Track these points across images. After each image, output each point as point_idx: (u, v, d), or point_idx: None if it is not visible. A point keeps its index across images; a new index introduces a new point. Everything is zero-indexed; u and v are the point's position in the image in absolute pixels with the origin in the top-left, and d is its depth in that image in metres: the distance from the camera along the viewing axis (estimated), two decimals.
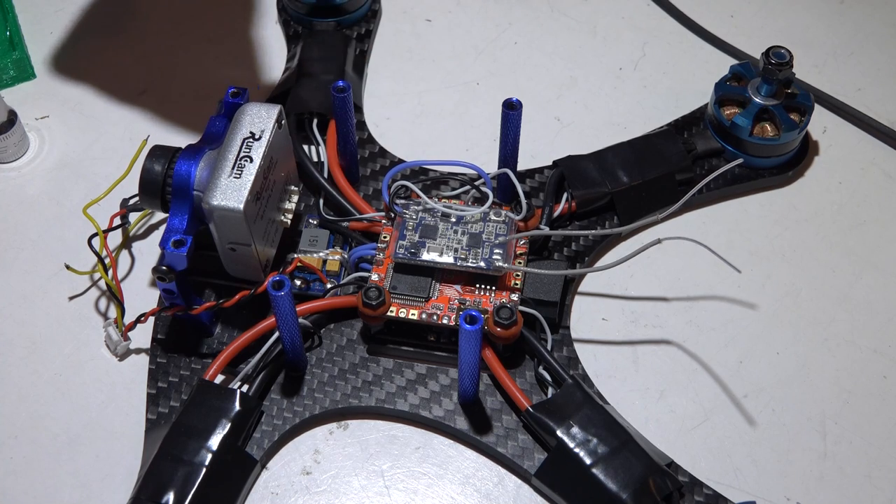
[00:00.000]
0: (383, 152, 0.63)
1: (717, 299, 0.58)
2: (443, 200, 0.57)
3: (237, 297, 0.52)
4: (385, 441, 0.53)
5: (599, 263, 0.59)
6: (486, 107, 0.67)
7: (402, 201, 0.56)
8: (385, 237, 0.55)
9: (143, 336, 0.56)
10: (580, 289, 0.58)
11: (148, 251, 0.60)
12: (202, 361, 0.54)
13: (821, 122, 0.65)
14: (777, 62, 0.59)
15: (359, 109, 0.65)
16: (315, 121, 0.62)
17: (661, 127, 0.64)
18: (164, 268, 0.50)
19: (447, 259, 0.53)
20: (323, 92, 0.62)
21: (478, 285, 0.54)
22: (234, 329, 0.55)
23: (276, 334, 0.53)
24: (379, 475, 0.52)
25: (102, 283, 0.58)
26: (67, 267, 0.57)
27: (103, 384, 0.55)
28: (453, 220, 0.55)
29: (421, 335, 0.54)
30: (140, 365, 0.55)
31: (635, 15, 0.72)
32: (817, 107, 0.65)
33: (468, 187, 0.58)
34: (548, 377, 0.53)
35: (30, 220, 0.61)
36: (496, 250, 0.53)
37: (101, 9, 0.71)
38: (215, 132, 0.54)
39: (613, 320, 0.57)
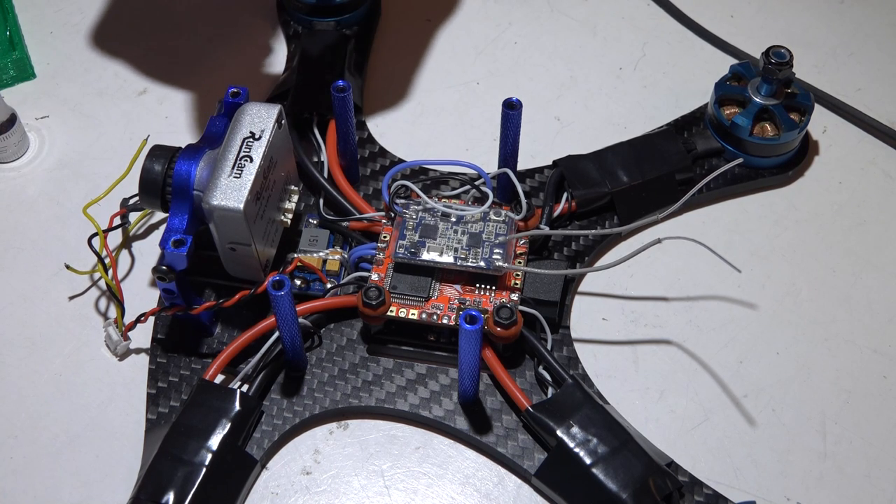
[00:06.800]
0: (383, 152, 0.63)
1: (717, 299, 0.58)
2: (443, 200, 0.57)
3: (237, 297, 0.52)
4: (385, 441, 0.53)
5: (599, 263, 0.59)
6: (486, 107, 0.67)
7: (402, 201, 0.56)
8: (385, 237, 0.55)
9: (143, 336, 0.56)
10: (580, 289, 0.58)
11: (148, 251, 0.60)
12: (202, 361, 0.54)
13: (821, 122, 0.65)
14: (777, 62, 0.59)
15: (359, 109, 0.65)
16: (315, 121, 0.62)
17: (661, 127, 0.64)
18: (164, 268, 0.50)
19: (447, 259, 0.53)
20: (323, 92, 0.62)
21: (478, 285, 0.54)
22: (234, 329, 0.55)
23: (276, 334, 0.53)
24: (379, 475, 0.52)
25: (102, 283, 0.58)
26: (67, 267, 0.57)
27: (103, 384, 0.55)
28: (453, 219, 0.55)
29: (421, 335, 0.54)
30: (140, 365, 0.55)
31: (635, 15, 0.72)
32: (817, 107, 0.65)
33: (468, 187, 0.58)
34: (548, 377, 0.53)
35: (30, 220, 0.61)
36: (496, 250, 0.53)
37: (101, 9, 0.71)
38: (215, 132, 0.54)
39: (613, 320, 0.57)
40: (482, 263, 0.53)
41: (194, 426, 0.50)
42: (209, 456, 0.49)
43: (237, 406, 0.51)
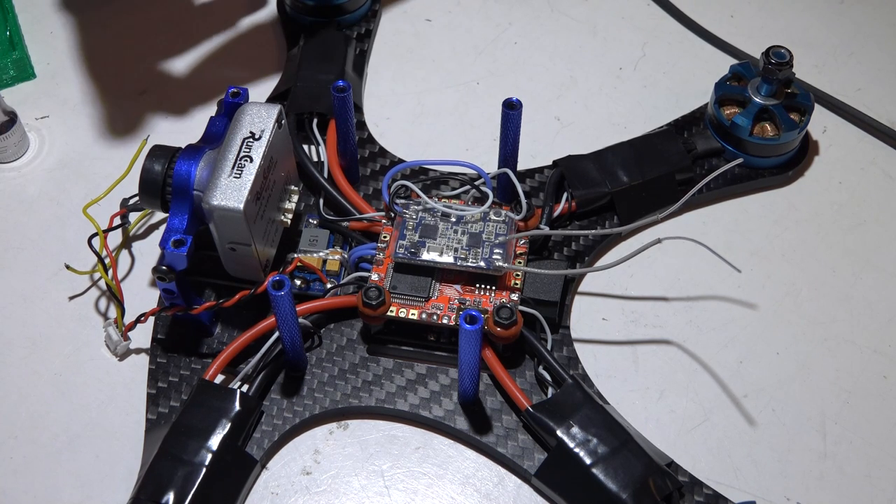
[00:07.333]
0: (383, 152, 0.63)
1: (717, 299, 0.58)
2: (443, 200, 0.57)
3: (237, 297, 0.52)
4: (385, 441, 0.53)
5: (599, 263, 0.59)
6: (486, 107, 0.67)
7: (402, 201, 0.56)
8: (385, 237, 0.55)
9: (143, 336, 0.56)
10: (580, 289, 0.58)
11: (148, 251, 0.60)
12: (202, 361, 0.54)
13: (821, 122, 0.65)
14: (777, 62, 0.59)
15: (359, 109, 0.65)
16: (315, 121, 0.62)
17: (661, 127, 0.64)
18: (164, 268, 0.50)
19: (447, 259, 0.53)
20: (323, 92, 0.62)
21: (478, 285, 0.54)
22: (234, 329, 0.55)
23: (276, 334, 0.53)
24: (379, 475, 0.52)
25: (102, 283, 0.58)
26: (67, 267, 0.57)
27: (103, 384, 0.55)
28: (453, 219, 0.55)
29: (421, 335, 0.54)
30: (140, 365, 0.55)
31: (635, 15, 0.72)
32: (817, 107, 0.65)
33: (468, 187, 0.58)
34: (548, 377, 0.53)
35: (30, 220, 0.61)
36: (496, 250, 0.53)
37: (101, 9, 0.71)
38: (215, 132, 0.54)
39: (613, 320, 0.57)
40: (482, 263, 0.53)
41: (194, 426, 0.50)
42: (209, 456, 0.49)
43: (237, 406, 0.51)
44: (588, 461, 0.49)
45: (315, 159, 0.62)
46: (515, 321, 0.51)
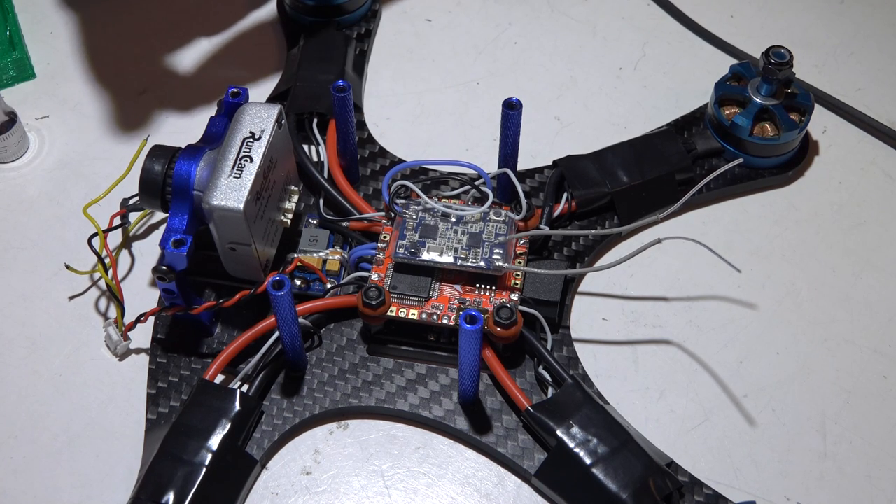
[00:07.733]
0: (383, 152, 0.63)
1: (717, 299, 0.58)
2: (443, 200, 0.57)
3: (237, 297, 0.52)
4: (385, 441, 0.53)
5: (599, 263, 0.59)
6: (486, 107, 0.67)
7: (402, 201, 0.56)
8: (385, 237, 0.55)
9: (143, 336, 0.56)
10: (580, 289, 0.58)
11: (148, 251, 0.60)
12: (202, 361, 0.54)
13: (821, 122, 0.65)
14: (777, 62, 0.59)
15: (359, 109, 0.65)
16: (315, 121, 0.62)
17: (661, 127, 0.64)
18: (164, 268, 0.50)
19: (447, 259, 0.53)
20: (323, 92, 0.62)
21: (478, 285, 0.54)
22: (234, 329, 0.55)
23: (276, 334, 0.53)
24: (379, 475, 0.52)
25: (102, 283, 0.58)
26: (67, 267, 0.57)
27: (103, 384, 0.55)
28: (453, 219, 0.55)
29: (421, 335, 0.54)
30: (140, 365, 0.55)
31: (635, 15, 0.72)
32: (817, 107, 0.65)
33: (468, 187, 0.58)
34: (548, 377, 0.53)
35: (30, 220, 0.61)
36: (496, 250, 0.53)
37: (101, 8, 0.71)
38: (215, 132, 0.54)
39: (613, 320, 0.57)
40: (482, 263, 0.53)
41: (194, 426, 0.50)
42: (209, 456, 0.49)
43: (237, 406, 0.51)
44: (588, 461, 0.49)
45: (315, 159, 0.62)
46: (515, 321, 0.51)
